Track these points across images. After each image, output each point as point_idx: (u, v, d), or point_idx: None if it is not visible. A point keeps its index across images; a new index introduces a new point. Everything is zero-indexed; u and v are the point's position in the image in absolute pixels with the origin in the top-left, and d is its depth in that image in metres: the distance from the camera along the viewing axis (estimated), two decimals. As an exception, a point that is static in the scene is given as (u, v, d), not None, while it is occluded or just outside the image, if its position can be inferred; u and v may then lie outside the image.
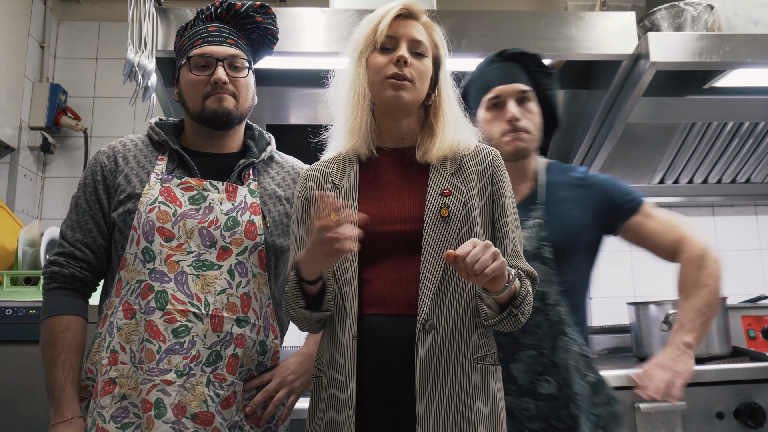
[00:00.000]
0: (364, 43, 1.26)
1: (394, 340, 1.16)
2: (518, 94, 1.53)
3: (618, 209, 1.53)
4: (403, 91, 1.22)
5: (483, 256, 1.04)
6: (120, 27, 2.84)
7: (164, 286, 1.34)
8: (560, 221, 1.49)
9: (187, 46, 1.45)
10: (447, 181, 1.23)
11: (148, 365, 1.30)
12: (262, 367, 1.41)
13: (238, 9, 1.46)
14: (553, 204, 1.51)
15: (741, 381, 1.96)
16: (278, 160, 1.56)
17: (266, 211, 1.45)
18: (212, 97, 1.41)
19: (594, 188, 1.54)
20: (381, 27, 1.24)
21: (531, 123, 1.52)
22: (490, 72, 1.57)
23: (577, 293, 1.50)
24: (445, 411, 1.12)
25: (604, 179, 1.57)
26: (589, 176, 1.57)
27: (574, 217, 1.50)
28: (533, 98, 1.55)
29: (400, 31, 1.25)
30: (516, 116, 1.50)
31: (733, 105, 2.34)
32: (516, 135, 1.51)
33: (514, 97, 1.53)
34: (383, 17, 1.25)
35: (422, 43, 1.26)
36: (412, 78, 1.23)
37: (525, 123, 1.51)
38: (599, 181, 1.56)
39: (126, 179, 1.42)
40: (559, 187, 1.54)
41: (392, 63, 1.22)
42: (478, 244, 1.05)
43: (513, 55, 1.56)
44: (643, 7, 2.51)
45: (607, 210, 1.52)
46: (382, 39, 1.24)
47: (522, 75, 1.55)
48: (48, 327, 1.37)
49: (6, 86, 2.48)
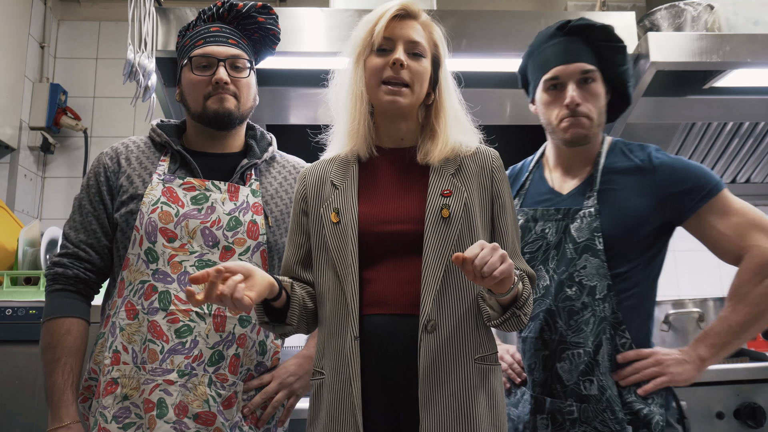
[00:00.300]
0: (361, 45, 1.25)
1: (395, 339, 1.16)
2: (579, 75, 1.39)
3: (684, 198, 1.36)
4: (399, 97, 1.22)
5: (491, 258, 1.03)
6: (120, 27, 2.84)
7: (167, 286, 1.34)
8: (615, 210, 1.37)
9: (189, 46, 1.45)
10: (447, 182, 1.23)
11: (151, 365, 1.30)
12: (261, 367, 1.41)
13: (239, 9, 1.46)
14: (610, 191, 1.39)
15: (741, 381, 1.96)
16: (279, 160, 1.56)
17: (268, 211, 1.45)
18: (213, 98, 1.41)
19: (658, 172, 1.38)
20: (377, 28, 1.22)
21: (593, 107, 1.39)
22: (549, 49, 1.42)
23: (635, 290, 1.37)
24: (448, 411, 1.12)
25: (673, 161, 1.39)
26: (654, 158, 1.40)
27: (632, 206, 1.37)
28: (598, 78, 1.40)
29: (397, 32, 1.23)
30: (576, 101, 1.37)
31: (733, 105, 2.34)
32: (575, 120, 1.38)
33: (575, 79, 1.39)
34: (380, 18, 1.23)
35: (420, 44, 1.24)
36: (410, 81, 1.22)
37: (585, 108, 1.38)
38: (666, 164, 1.39)
39: (128, 180, 1.42)
40: (619, 172, 1.41)
41: (388, 65, 1.21)
42: (485, 246, 1.04)
43: (577, 28, 1.40)
44: (643, 7, 2.51)
45: (672, 198, 1.36)
46: (378, 40, 1.22)
47: (586, 52, 1.40)
48: (49, 329, 1.37)
49: (6, 86, 2.48)
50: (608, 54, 1.41)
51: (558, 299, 1.38)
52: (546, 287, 1.40)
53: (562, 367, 1.35)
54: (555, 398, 1.35)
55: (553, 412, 1.35)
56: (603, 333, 1.33)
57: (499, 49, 2.03)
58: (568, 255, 1.38)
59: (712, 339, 1.33)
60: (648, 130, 2.45)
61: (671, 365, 1.32)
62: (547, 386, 1.38)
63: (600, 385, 1.31)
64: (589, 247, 1.36)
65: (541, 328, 1.40)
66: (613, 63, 1.41)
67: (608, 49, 1.41)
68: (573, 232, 1.38)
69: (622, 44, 1.42)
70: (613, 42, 1.41)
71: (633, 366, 1.33)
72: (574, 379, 1.33)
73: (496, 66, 2.10)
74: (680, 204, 1.36)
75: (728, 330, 1.32)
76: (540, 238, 1.43)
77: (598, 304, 1.34)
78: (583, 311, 1.34)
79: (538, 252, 1.43)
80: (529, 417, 1.40)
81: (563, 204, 1.44)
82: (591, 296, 1.34)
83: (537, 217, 1.45)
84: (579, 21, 1.40)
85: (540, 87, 1.44)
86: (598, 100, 1.41)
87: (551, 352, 1.37)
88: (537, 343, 1.40)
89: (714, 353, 1.33)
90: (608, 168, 1.42)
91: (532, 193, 1.52)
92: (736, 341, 1.33)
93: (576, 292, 1.36)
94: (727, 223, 1.35)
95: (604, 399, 1.30)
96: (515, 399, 1.47)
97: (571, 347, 1.35)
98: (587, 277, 1.35)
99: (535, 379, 1.41)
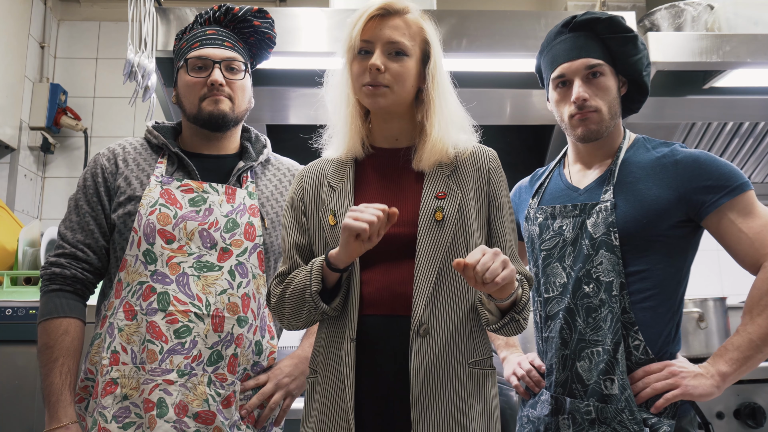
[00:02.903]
0: (346, 49, 1.24)
1: (388, 340, 1.15)
2: (585, 70, 1.36)
3: (706, 193, 1.29)
4: (379, 98, 1.20)
5: (493, 264, 1.02)
6: (120, 27, 2.84)
7: (166, 287, 1.34)
8: (632, 204, 1.32)
9: (185, 48, 1.46)
10: (442, 184, 1.22)
11: (150, 365, 1.31)
12: (257, 367, 1.42)
13: (236, 13, 1.47)
14: (627, 185, 1.34)
15: (741, 381, 1.95)
16: (274, 163, 1.58)
17: (264, 213, 1.46)
18: (208, 99, 1.42)
19: (681, 165, 1.32)
20: (354, 32, 1.20)
21: (602, 101, 1.37)
22: (556, 46, 1.41)
23: (654, 291, 1.31)
24: (441, 416, 1.11)
25: (696, 155, 1.33)
26: (677, 152, 1.35)
27: (649, 200, 1.31)
28: (607, 72, 1.38)
29: (376, 34, 1.20)
30: (582, 96, 1.35)
31: (733, 105, 2.34)
32: (584, 116, 1.36)
33: (581, 75, 1.37)
34: (357, 21, 1.21)
35: (400, 43, 1.20)
36: (389, 83, 1.19)
37: (594, 102, 1.36)
38: (690, 157, 1.33)
39: (126, 181, 1.43)
40: (639, 166, 1.36)
41: (367, 70, 1.19)
42: (487, 252, 1.03)
43: (582, 23, 1.38)
44: (643, 7, 2.51)
45: (693, 192, 1.30)
46: (357, 44, 1.20)
47: (592, 46, 1.37)
48: (46, 329, 1.36)
49: (6, 86, 2.48)
50: (617, 45, 1.38)
51: (576, 297, 1.34)
52: (563, 285, 1.37)
53: (582, 366, 1.32)
54: (575, 398, 1.32)
55: (573, 413, 1.31)
56: (621, 330, 1.29)
57: (499, 49, 2.03)
58: (584, 251, 1.35)
59: (732, 353, 1.25)
60: (648, 130, 2.44)
61: (686, 378, 1.25)
62: (567, 386, 1.35)
63: (621, 384, 1.26)
64: (605, 242, 1.32)
65: (561, 327, 1.37)
66: (625, 54, 1.38)
67: (616, 40, 1.38)
68: (589, 227, 1.35)
69: (631, 33, 1.38)
70: (621, 32, 1.38)
71: (644, 381, 1.27)
72: (595, 378, 1.29)
73: (496, 66, 2.10)
74: (702, 199, 1.30)
75: (749, 344, 1.25)
76: (557, 234, 1.41)
77: (615, 301, 1.29)
78: (601, 308, 1.30)
79: (555, 249, 1.40)
80: (550, 418, 1.36)
81: (580, 199, 1.41)
82: (608, 293, 1.30)
83: (555, 214, 1.42)
84: (584, 15, 1.38)
85: (550, 85, 1.44)
86: (608, 93, 1.38)
87: (571, 351, 1.34)
88: (557, 342, 1.37)
89: (736, 368, 1.25)
90: (627, 161, 1.38)
91: (550, 190, 1.50)
92: (758, 355, 1.25)
93: (593, 288, 1.33)
94: (749, 225, 1.28)
95: (623, 398, 1.25)
96: (533, 400, 1.44)
97: (590, 345, 1.31)
98: (604, 273, 1.31)
99: (556, 379, 1.37)
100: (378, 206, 1.08)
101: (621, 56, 1.39)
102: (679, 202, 1.31)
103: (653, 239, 1.31)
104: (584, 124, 1.37)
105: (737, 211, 1.29)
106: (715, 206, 1.29)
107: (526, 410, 1.45)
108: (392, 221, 1.09)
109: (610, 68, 1.39)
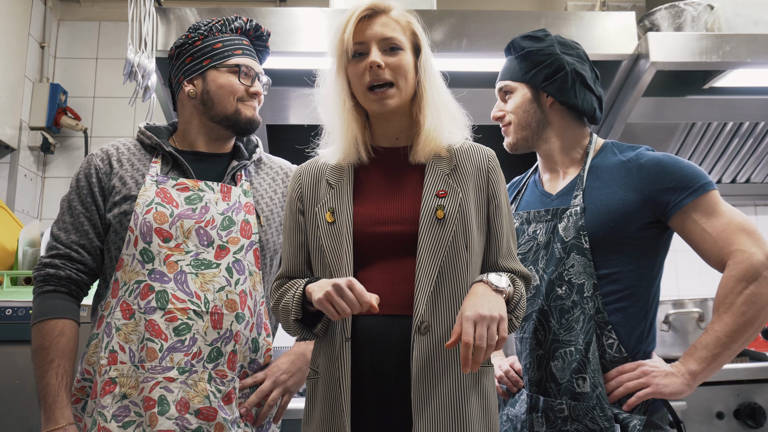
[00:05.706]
0: (337, 55, 1.24)
1: (388, 340, 1.16)
2: (500, 92, 1.53)
3: (670, 194, 1.32)
4: (387, 100, 1.21)
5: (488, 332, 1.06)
6: (120, 27, 2.85)
7: (164, 286, 1.34)
8: (599, 208, 1.35)
9: (223, 50, 1.48)
10: (442, 182, 1.22)
11: (150, 363, 1.31)
12: (254, 364, 1.42)
13: (261, 32, 1.57)
14: (595, 189, 1.38)
15: (741, 381, 1.96)
16: (267, 162, 1.60)
17: (259, 211, 1.48)
18: (247, 104, 1.49)
19: (644, 169, 1.35)
20: (346, 36, 1.21)
21: (511, 115, 1.49)
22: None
23: (626, 292, 1.34)
24: (441, 413, 1.12)
25: (660, 158, 1.36)
26: (642, 155, 1.38)
27: (616, 203, 1.34)
28: (513, 88, 1.50)
29: (368, 34, 1.21)
30: (497, 114, 1.52)
31: (733, 105, 2.34)
32: (504, 131, 1.52)
33: (500, 96, 1.53)
34: (347, 25, 1.21)
35: (393, 38, 1.22)
36: (393, 78, 1.21)
37: (507, 117, 1.50)
38: (653, 160, 1.36)
39: (121, 181, 1.43)
40: (606, 170, 1.40)
41: (367, 70, 1.20)
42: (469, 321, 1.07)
43: (506, 49, 1.55)
44: (643, 7, 2.51)
45: (658, 194, 1.33)
46: (351, 48, 1.21)
47: (509, 68, 1.52)
48: (41, 331, 1.36)
49: (6, 86, 2.48)
50: (519, 64, 1.48)
51: (549, 299, 1.38)
52: (537, 287, 1.42)
53: (556, 365, 1.36)
54: (549, 397, 1.36)
55: (546, 411, 1.35)
56: (593, 330, 1.32)
57: (499, 49, 2.01)
58: (557, 254, 1.39)
59: (701, 352, 1.28)
60: (648, 130, 2.45)
61: (657, 377, 1.28)
62: (542, 385, 1.39)
63: (593, 382, 1.29)
64: (575, 245, 1.35)
65: (535, 328, 1.41)
66: (523, 70, 1.47)
67: (517, 59, 1.49)
68: (561, 231, 1.39)
69: (525, 51, 1.46)
70: (518, 52, 1.48)
71: (617, 379, 1.30)
72: (567, 377, 1.33)
73: (497, 66, 2.07)
74: (666, 200, 1.32)
75: (717, 341, 1.27)
76: (531, 239, 1.46)
77: (587, 302, 1.33)
78: (573, 309, 1.34)
79: (530, 252, 1.46)
80: (525, 416, 1.41)
81: (552, 204, 1.46)
82: (580, 294, 1.34)
83: (530, 219, 1.48)
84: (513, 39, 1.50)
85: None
86: (516, 108, 1.48)
87: (545, 351, 1.38)
88: (532, 342, 1.42)
89: (705, 366, 1.27)
90: (595, 166, 1.42)
91: (526, 197, 1.57)
92: (726, 352, 1.27)
93: (566, 290, 1.36)
94: (712, 225, 1.31)
95: (594, 396, 1.29)
96: (512, 399, 1.49)
97: (563, 345, 1.35)
98: (575, 276, 1.35)
99: (531, 378, 1.42)
100: (363, 298, 1.09)
101: (523, 72, 1.48)
102: (645, 205, 1.34)
103: (622, 242, 1.34)
104: (506, 139, 1.52)
105: (701, 211, 1.31)
106: (678, 207, 1.32)
107: (506, 409, 1.50)
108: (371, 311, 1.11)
109: (521, 84, 1.48)
